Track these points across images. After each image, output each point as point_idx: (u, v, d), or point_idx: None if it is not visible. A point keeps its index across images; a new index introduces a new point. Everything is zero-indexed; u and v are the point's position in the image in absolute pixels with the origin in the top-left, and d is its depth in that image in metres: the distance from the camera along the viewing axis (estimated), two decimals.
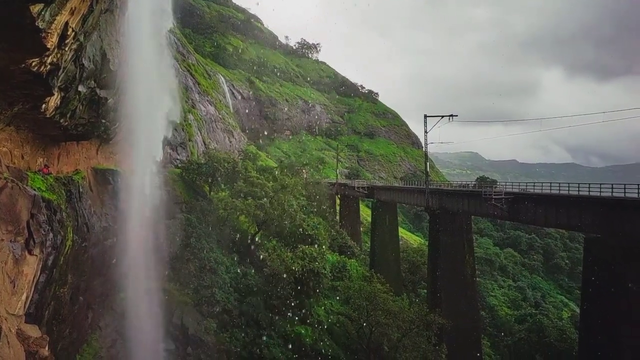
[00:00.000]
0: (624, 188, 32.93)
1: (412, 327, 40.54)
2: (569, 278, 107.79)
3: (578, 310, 66.06)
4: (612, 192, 33.90)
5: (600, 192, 35.15)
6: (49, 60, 17.62)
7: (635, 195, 31.97)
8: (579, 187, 37.46)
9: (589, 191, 36.28)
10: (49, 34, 16.03)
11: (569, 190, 38.79)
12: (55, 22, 15.99)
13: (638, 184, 32.00)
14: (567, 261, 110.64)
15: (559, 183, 41.17)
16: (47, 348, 21.61)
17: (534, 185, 46.80)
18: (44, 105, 20.53)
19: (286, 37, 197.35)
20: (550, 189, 41.77)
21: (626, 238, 31.68)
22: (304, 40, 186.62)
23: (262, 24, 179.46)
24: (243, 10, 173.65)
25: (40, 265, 22.26)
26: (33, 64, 17.10)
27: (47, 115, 21.27)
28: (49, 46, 16.44)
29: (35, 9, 14.65)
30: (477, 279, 64.43)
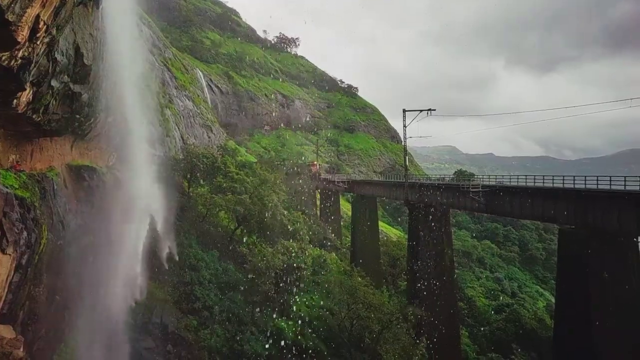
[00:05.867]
0: (597, 180, 33.78)
1: (392, 320, 41.00)
2: (544, 268, 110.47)
3: (553, 300, 67.86)
4: (585, 184, 34.71)
5: (574, 184, 35.96)
6: (20, 55, 17.12)
7: (607, 187, 32.87)
8: (553, 179, 38.27)
9: (563, 183, 37.11)
10: (20, 27, 15.56)
11: (543, 182, 39.60)
12: (26, 14, 15.53)
13: (610, 176, 32.89)
14: (542, 252, 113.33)
15: (534, 175, 41.94)
16: (22, 349, 21.15)
17: (509, 178, 47.59)
18: (15, 101, 19.96)
19: (264, 31, 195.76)
20: (526, 182, 42.58)
21: (598, 229, 32.61)
22: (283, 34, 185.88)
23: (239, 17, 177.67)
24: (220, 4, 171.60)
25: (14, 265, 21.71)
26: (3, 58, 16.59)
27: (19, 111, 20.68)
28: (19, 40, 15.97)
29: (5, 1, 14.21)
30: (456, 270, 65.53)
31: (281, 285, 42.26)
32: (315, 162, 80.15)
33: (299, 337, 41.37)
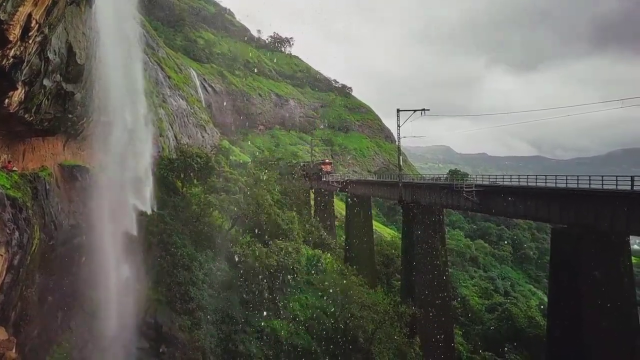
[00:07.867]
0: (589, 180, 34.00)
1: (385, 319, 41.05)
2: (537, 267, 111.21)
3: (546, 299, 68.27)
4: (577, 183, 34.93)
5: (567, 184, 36.19)
6: (11, 53, 17.00)
7: (599, 187, 33.10)
8: (546, 179, 38.48)
9: (556, 183, 37.33)
10: (11, 26, 15.47)
11: (536, 182, 39.81)
12: (18, 13, 15.45)
13: (602, 176, 33.12)
14: (534, 251, 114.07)
15: (527, 175, 42.18)
16: (14, 350, 21.02)
17: (503, 178, 47.81)
18: (7, 100, 19.81)
19: (258, 30, 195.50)
20: (519, 181, 42.80)
21: (591, 228, 32.84)
22: (277, 34, 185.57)
23: (233, 17, 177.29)
24: (214, 3, 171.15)
25: (6, 266, 21.55)
26: None
27: (11, 111, 20.53)
28: (11, 39, 15.87)
29: None
30: (449, 270, 65.79)
31: (275, 285, 42.21)
32: (328, 160, 78.19)
33: (293, 337, 41.33)
